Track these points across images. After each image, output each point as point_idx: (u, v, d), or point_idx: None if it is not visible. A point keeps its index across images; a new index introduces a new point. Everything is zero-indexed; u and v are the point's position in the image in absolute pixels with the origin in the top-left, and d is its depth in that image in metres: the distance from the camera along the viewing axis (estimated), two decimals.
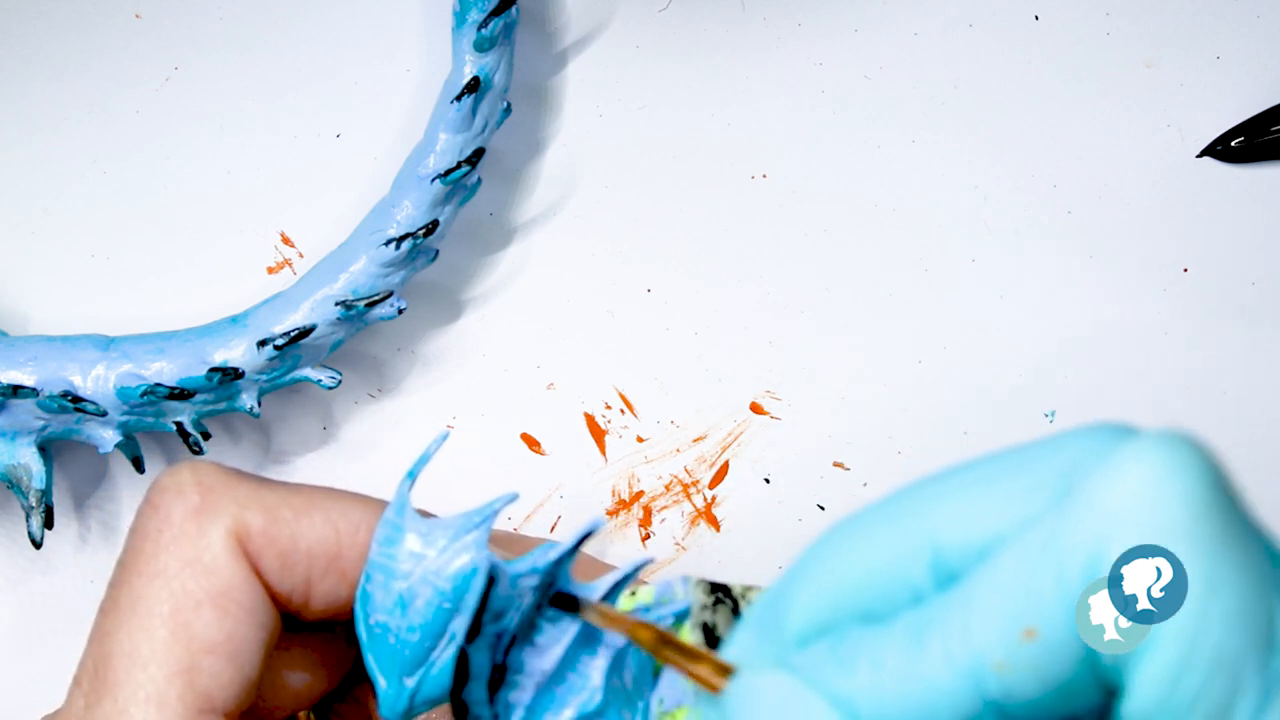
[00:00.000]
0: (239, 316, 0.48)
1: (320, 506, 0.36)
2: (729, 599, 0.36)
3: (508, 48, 0.48)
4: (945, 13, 0.52)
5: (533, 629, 0.34)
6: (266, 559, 0.35)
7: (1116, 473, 0.28)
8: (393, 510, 0.34)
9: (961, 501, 0.30)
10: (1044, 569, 0.28)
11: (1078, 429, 0.30)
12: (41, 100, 0.51)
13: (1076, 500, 0.28)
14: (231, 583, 0.34)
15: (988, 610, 0.28)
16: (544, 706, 0.34)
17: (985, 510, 0.29)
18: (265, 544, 0.35)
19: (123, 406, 0.46)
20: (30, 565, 0.50)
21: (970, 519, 0.29)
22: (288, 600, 0.35)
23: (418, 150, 0.48)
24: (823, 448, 0.51)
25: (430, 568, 0.34)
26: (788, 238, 0.51)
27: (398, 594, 0.34)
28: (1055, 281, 0.51)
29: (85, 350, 0.47)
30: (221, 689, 0.34)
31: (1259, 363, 0.51)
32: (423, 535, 0.34)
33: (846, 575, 0.30)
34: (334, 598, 0.36)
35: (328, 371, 0.48)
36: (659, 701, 0.34)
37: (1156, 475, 0.27)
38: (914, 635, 0.29)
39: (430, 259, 0.48)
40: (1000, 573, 0.28)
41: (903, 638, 0.29)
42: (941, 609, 0.29)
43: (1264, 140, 0.51)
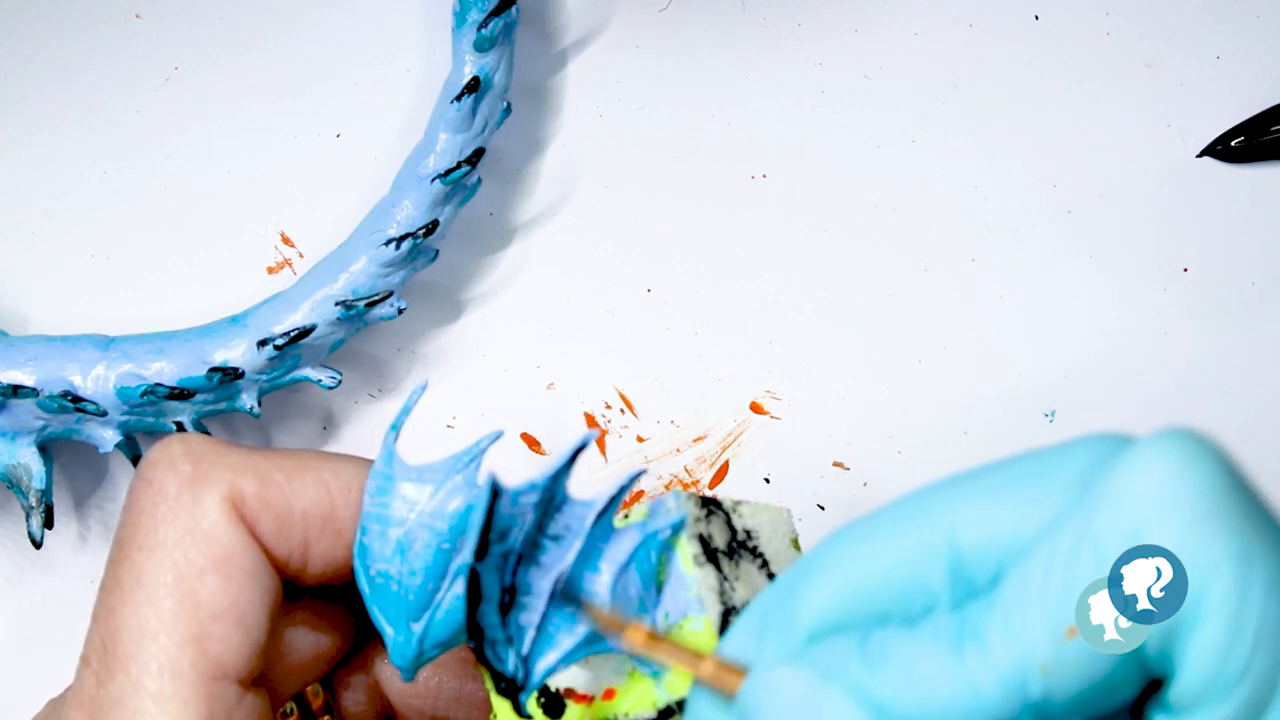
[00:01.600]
0: (239, 316, 0.48)
1: (312, 468, 0.36)
2: (720, 510, 0.36)
3: (508, 48, 0.48)
4: (945, 13, 0.52)
5: (536, 548, 0.34)
6: (263, 522, 0.35)
7: (1140, 466, 0.28)
8: (381, 461, 0.35)
9: (980, 506, 0.30)
10: (1081, 566, 0.28)
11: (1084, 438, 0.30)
12: (41, 100, 0.51)
13: (1105, 497, 0.28)
14: (232, 548, 0.35)
15: (1028, 612, 0.28)
16: (555, 626, 0.34)
17: (1004, 515, 0.30)
18: (260, 508, 0.35)
19: (123, 406, 0.46)
20: (30, 565, 0.50)
21: (990, 523, 0.30)
22: (286, 563, 0.36)
23: (418, 150, 0.48)
24: (823, 448, 0.51)
25: (425, 510, 0.34)
26: (788, 238, 0.51)
27: (395, 541, 0.34)
28: (1055, 281, 0.51)
29: (85, 350, 0.47)
30: (232, 654, 0.34)
31: (1259, 363, 0.51)
32: (414, 481, 0.34)
33: (862, 575, 0.31)
34: (332, 559, 0.36)
35: (328, 371, 0.48)
36: (664, 615, 0.35)
37: (1179, 464, 0.28)
38: (951, 639, 0.29)
39: (430, 259, 0.48)
40: (1035, 575, 0.29)
41: (938, 642, 0.29)
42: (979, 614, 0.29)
43: (1264, 140, 0.51)
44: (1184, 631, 0.28)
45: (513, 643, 0.34)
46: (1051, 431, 0.51)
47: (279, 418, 0.51)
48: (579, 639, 0.34)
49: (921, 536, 0.30)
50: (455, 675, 0.40)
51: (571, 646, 0.34)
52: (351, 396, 0.51)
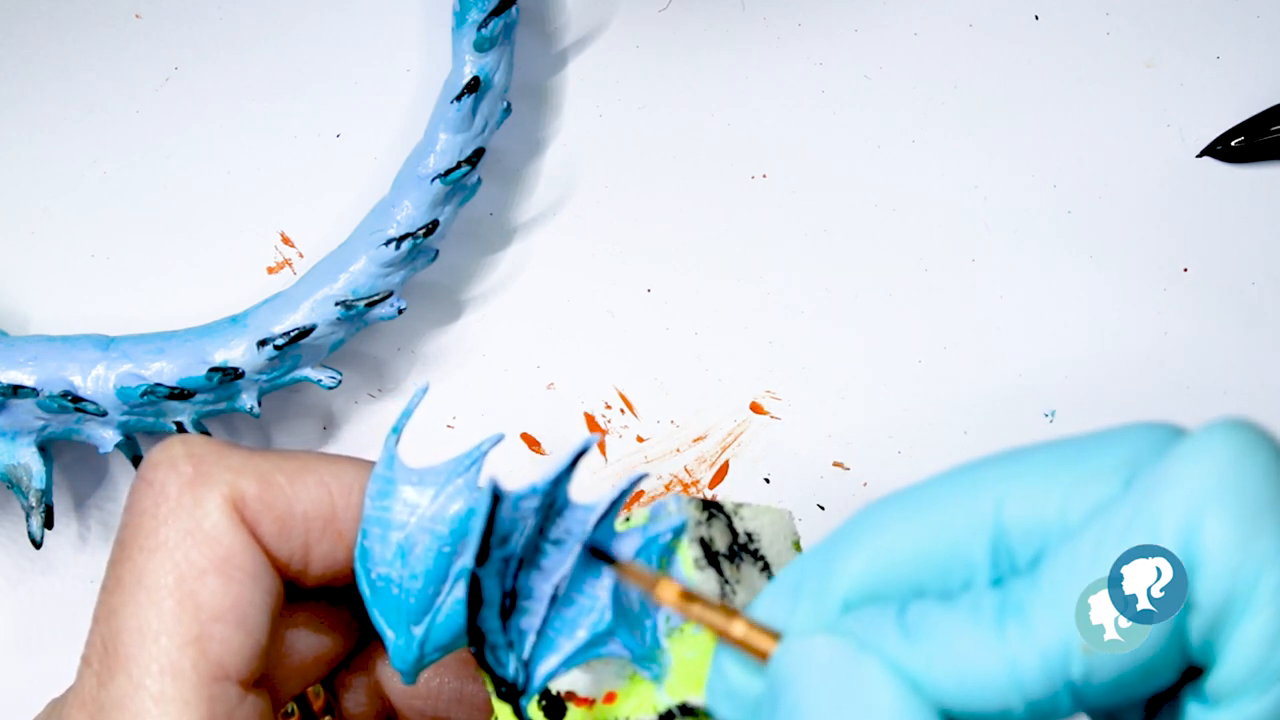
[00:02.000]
0: (239, 316, 0.48)
1: (313, 470, 0.36)
2: (721, 513, 0.36)
3: (508, 48, 0.48)
4: (945, 13, 0.52)
5: (538, 553, 0.34)
6: (264, 524, 0.35)
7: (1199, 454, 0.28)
8: (382, 465, 0.35)
9: (1028, 483, 0.30)
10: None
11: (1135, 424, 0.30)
12: (41, 100, 0.51)
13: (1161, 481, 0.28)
14: (233, 549, 0.35)
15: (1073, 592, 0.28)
16: (556, 630, 0.34)
17: (1052, 493, 0.30)
18: (262, 509, 0.35)
19: (123, 406, 0.46)
20: (30, 565, 0.50)
21: (1037, 500, 0.30)
22: (287, 565, 0.36)
23: (418, 150, 0.48)
24: (823, 448, 0.51)
25: (426, 515, 0.34)
26: (788, 238, 0.51)
27: (396, 544, 0.34)
28: (1055, 281, 0.51)
29: (85, 350, 0.47)
30: (233, 655, 0.34)
31: (1259, 363, 0.51)
32: (415, 485, 0.34)
33: (902, 545, 0.30)
34: (332, 560, 0.36)
35: (328, 371, 0.48)
36: (665, 619, 0.35)
37: (1238, 453, 0.28)
38: (993, 615, 0.29)
39: (430, 259, 0.48)
40: (1084, 554, 0.28)
41: (978, 616, 0.29)
42: (1022, 590, 0.29)
43: (1264, 140, 0.51)
44: (1232, 622, 0.28)
45: (513, 647, 0.34)
46: (1052, 431, 0.51)
47: (279, 418, 0.51)
48: (580, 643, 0.34)
49: (966, 509, 0.30)
50: (456, 676, 0.40)
51: (572, 650, 0.34)
52: (352, 396, 0.51)
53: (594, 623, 0.34)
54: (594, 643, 0.34)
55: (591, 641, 0.34)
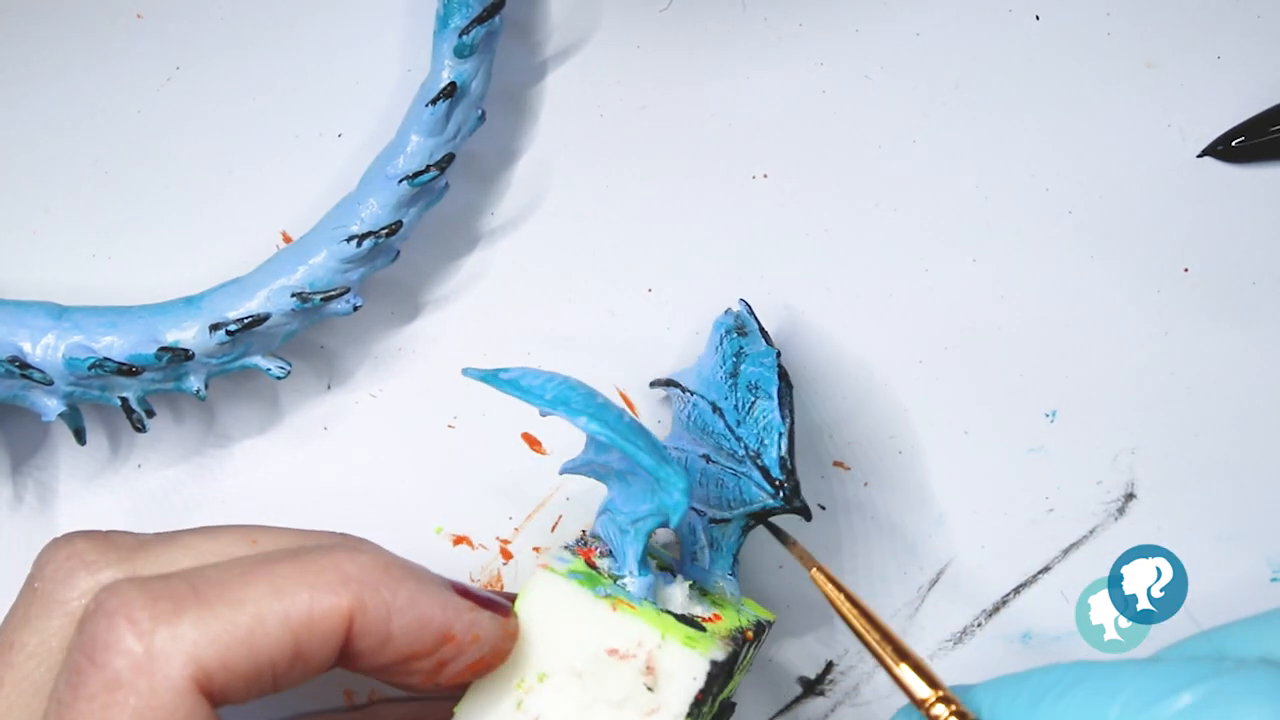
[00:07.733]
0: (194, 298, 0.48)
1: (270, 607, 0.35)
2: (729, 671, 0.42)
3: (488, 56, 0.48)
4: (946, 13, 0.52)
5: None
6: (233, 691, 0.34)
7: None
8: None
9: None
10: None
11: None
12: (41, 100, 0.51)
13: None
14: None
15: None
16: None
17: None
18: (230, 680, 0.34)
19: (70, 377, 0.46)
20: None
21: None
22: (257, 694, 0.35)
23: (388, 150, 0.48)
24: (823, 448, 0.51)
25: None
26: (788, 238, 0.51)
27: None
28: (1055, 281, 0.51)
29: (37, 318, 0.46)
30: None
31: (1259, 363, 0.51)
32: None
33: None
34: (301, 677, 0.36)
35: (277, 361, 0.48)
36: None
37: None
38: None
39: (391, 259, 0.48)
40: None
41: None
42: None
43: (1264, 140, 0.51)
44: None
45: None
46: (1052, 431, 0.51)
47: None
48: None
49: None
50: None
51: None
52: (352, 396, 0.51)
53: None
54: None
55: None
